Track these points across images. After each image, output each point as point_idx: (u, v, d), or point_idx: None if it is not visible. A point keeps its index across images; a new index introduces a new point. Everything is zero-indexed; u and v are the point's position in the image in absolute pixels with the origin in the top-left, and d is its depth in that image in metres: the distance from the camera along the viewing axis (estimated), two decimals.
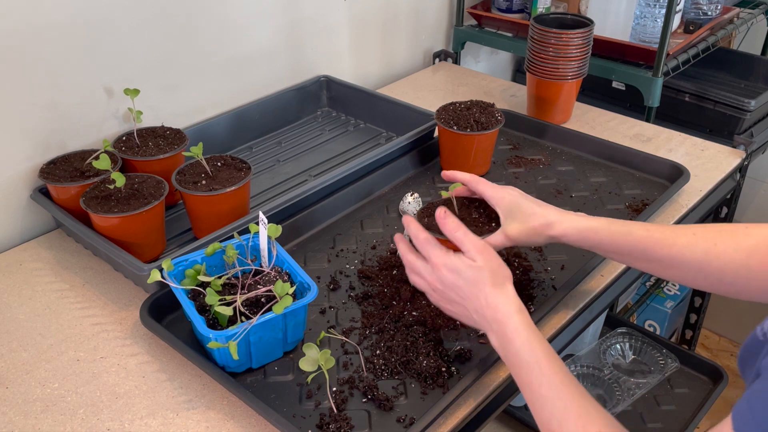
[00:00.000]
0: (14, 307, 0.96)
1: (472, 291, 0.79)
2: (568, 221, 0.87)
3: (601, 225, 0.85)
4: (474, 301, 0.79)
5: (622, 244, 0.84)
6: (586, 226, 0.86)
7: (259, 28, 1.36)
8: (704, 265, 0.79)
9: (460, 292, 0.80)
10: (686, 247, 0.80)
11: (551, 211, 0.88)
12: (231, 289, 0.87)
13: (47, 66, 1.06)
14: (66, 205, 1.04)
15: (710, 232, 0.80)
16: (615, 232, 0.84)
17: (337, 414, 0.79)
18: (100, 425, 0.79)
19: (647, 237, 0.83)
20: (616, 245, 0.85)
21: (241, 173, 1.05)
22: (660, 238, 0.82)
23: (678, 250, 0.80)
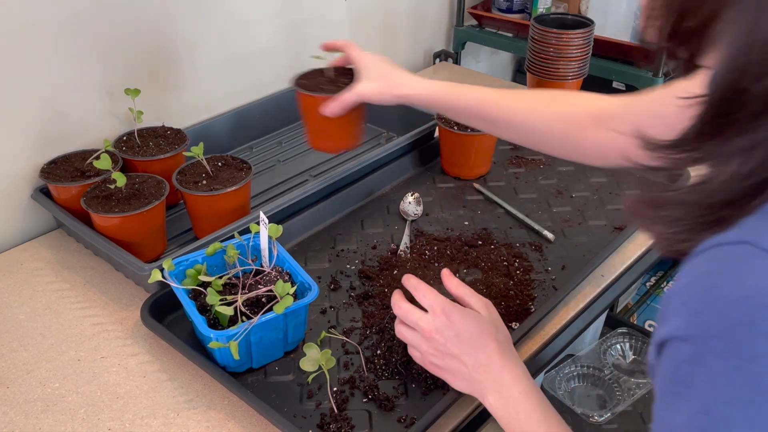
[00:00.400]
0: (15, 306, 0.97)
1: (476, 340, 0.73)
2: (412, 83, 0.94)
3: (440, 87, 0.93)
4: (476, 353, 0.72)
5: (457, 104, 0.93)
6: (429, 88, 0.93)
7: (260, 28, 1.36)
8: (527, 128, 0.89)
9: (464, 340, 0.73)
10: (511, 111, 0.89)
11: (401, 74, 0.96)
12: (232, 289, 0.87)
13: (48, 66, 1.06)
14: (67, 204, 1.04)
15: (538, 99, 0.90)
16: (450, 93, 0.92)
17: (337, 414, 0.79)
18: (100, 425, 0.79)
19: (478, 98, 0.91)
20: (452, 105, 0.93)
21: (241, 173, 1.05)
22: (489, 99, 0.91)
23: (503, 111, 0.90)
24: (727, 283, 0.42)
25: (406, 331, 0.77)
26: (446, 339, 0.73)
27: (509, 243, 1.06)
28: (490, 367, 0.71)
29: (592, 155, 0.87)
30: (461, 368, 0.73)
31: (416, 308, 0.77)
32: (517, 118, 0.89)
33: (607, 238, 1.07)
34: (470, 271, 1.01)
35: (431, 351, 0.75)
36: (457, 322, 0.73)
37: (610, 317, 1.71)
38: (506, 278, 0.99)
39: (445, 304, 0.75)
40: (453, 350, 0.73)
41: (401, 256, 1.03)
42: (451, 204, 1.17)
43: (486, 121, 0.92)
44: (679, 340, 0.44)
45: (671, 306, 0.45)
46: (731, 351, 0.41)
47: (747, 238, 0.42)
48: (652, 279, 1.98)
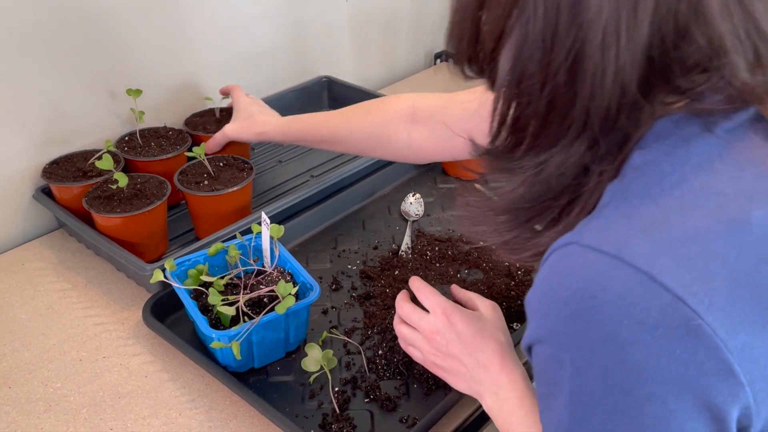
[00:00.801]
0: (17, 306, 0.97)
1: (476, 341, 0.73)
2: (268, 121, 1.08)
3: (285, 121, 1.07)
4: (477, 353, 0.73)
5: (300, 132, 1.04)
6: (277, 122, 1.07)
7: (261, 29, 1.36)
8: (351, 137, 0.98)
9: (466, 341, 0.73)
10: (336, 127, 1.00)
11: (263, 116, 1.10)
12: (233, 289, 0.87)
13: (50, 66, 1.07)
14: (68, 204, 1.05)
15: (354, 112, 0.99)
16: (292, 124, 1.05)
17: (339, 414, 0.79)
18: (102, 425, 0.79)
19: (313, 122, 1.03)
20: (296, 134, 1.05)
21: (243, 173, 1.05)
22: (321, 122, 1.02)
23: (333, 130, 1.00)
24: (561, 281, 0.45)
25: (408, 331, 0.79)
26: (447, 340, 0.74)
27: None
28: (489, 368, 0.72)
29: (406, 153, 0.96)
30: (462, 369, 0.74)
31: (419, 309, 0.78)
32: (341, 134, 0.99)
33: None
34: (471, 272, 1.01)
35: (433, 351, 0.76)
36: (457, 323, 0.74)
37: None
38: (507, 279, 0.99)
39: (447, 305, 0.76)
40: (454, 351, 0.74)
41: (402, 256, 1.03)
42: (452, 204, 1.17)
43: (325, 142, 1.02)
44: (538, 343, 0.48)
45: (528, 312, 0.49)
46: (575, 343, 0.44)
47: (573, 239, 0.46)
48: None
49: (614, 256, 0.43)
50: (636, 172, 0.47)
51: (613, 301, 0.42)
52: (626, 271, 0.42)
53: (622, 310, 0.42)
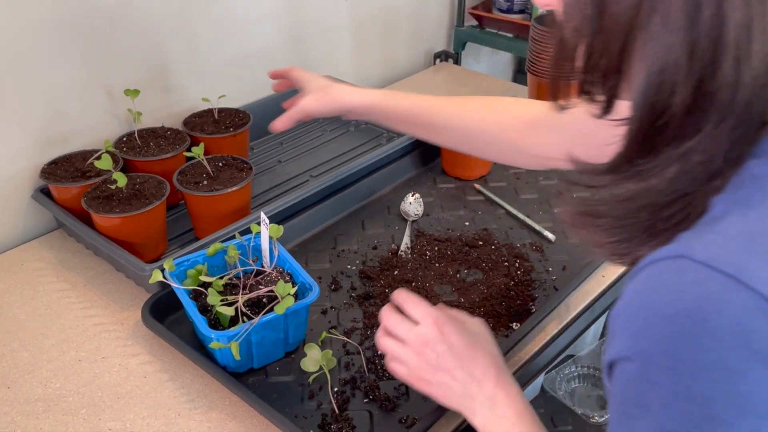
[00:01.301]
0: (16, 307, 0.97)
1: (470, 354, 0.70)
2: (350, 93, 0.96)
3: (377, 95, 0.95)
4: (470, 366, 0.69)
5: (394, 112, 0.94)
6: (366, 96, 0.95)
7: (261, 30, 1.36)
8: (464, 134, 0.91)
9: (458, 353, 0.69)
10: (449, 117, 0.91)
11: (340, 86, 0.98)
12: (233, 289, 0.87)
13: (49, 66, 1.06)
14: (67, 205, 1.05)
15: (474, 105, 0.91)
16: (386, 100, 0.95)
17: (338, 414, 0.79)
18: (101, 425, 0.79)
19: (414, 105, 0.93)
20: (389, 112, 0.95)
21: (242, 173, 1.05)
22: (425, 106, 0.93)
23: (441, 119, 0.91)
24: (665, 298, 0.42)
25: (393, 344, 0.73)
26: (438, 353, 0.69)
27: (510, 243, 1.06)
28: (484, 382, 0.68)
29: (529, 160, 0.90)
30: (452, 383, 0.69)
31: (407, 320, 0.73)
32: (452, 124, 0.91)
33: None
34: (471, 272, 1.01)
35: (421, 365, 0.70)
36: (450, 334, 0.70)
37: None
38: (507, 278, 0.99)
39: (438, 315, 0.72)
40: (445, 364, 0.69)
41: (402, 256, 1.03)
42: (451, 204, 1.17)
43: (422, 128, 0.94)
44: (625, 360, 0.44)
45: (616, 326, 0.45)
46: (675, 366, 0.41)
47: (682, 251, 0.42)
48: None
49: (731, 277, 0.40)
50: (756, 183, 0.43)
51: (728, 327, 0.39)
52: (745, 294, 0.39)
53: (737, 337, 0.39)
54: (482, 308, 0.94)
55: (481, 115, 0.90)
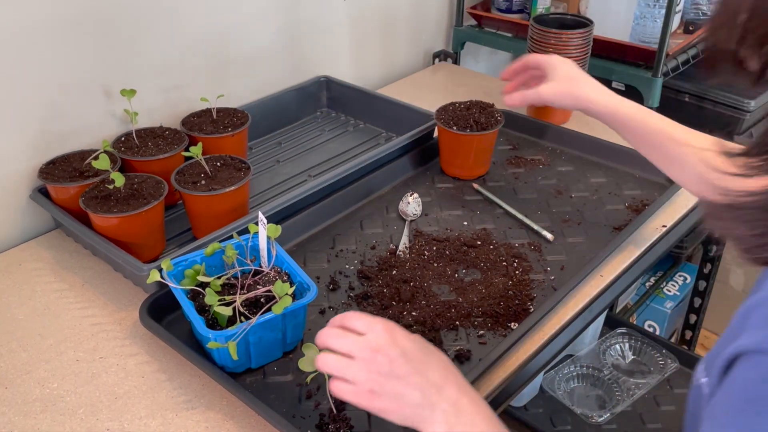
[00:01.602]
0: (13, 307, 0.96)
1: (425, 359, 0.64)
2: (597, 91, 0.95)
3: (624, 105, 0.93)
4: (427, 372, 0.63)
5: (633, 128, 0.92)
6: (614, 100, 0.94)
7: (259, 29, 1.36)
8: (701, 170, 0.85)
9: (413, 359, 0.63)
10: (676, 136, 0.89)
11: (588, 79, 0.96)
12: (230, 289, 0.86)
13: (46, 66, 1.06)
14: (65, 205, 1.04)
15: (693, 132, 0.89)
16: (632, 113, 0.92)
17: (336, 414, 0.79)
18: (99, 425, 0.79)
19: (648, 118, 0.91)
20: (624, 119, 0.92)
21: (240, 173, 1.05)
22: (671, 132, 0.90)
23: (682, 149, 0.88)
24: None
25: (335, 360, 0.64)
26: (390, 358, 0.63)
27: (508, 243, 1.06)
28: (445, 388, 0.62)
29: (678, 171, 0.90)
30: (407, 391, 0.62)
31: (350, 333, 0.66)
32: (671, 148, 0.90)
33: (607, 238, 1.07)
34: (469, 272, 1.01)
35: (371, 376, 0.63)
36: (401, 339, 0.64)
37: (609, 317, 1.71)
38: (505, 278, 0.99)
39: (386, 321, 0.66)
40: (399, 371, 0.62)
41: (400, 256, 1.03)
42: (450, 204, 1.17)
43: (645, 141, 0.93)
44: (760, 354, 0.41)
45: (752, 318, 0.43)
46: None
47: None
48: (652, 279, 1.98)
49: None
50: None
51: None
52: None
53: None
54: (480, 308, 0.94)
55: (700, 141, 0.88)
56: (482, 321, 0.91)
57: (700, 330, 1.89)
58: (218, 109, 1.22)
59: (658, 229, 1.10)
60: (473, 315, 0.92)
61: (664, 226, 1.10)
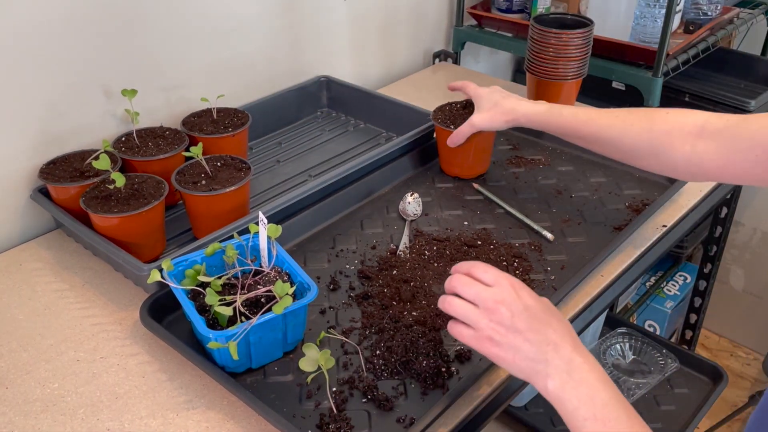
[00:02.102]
0: (14, 307, 0.96)
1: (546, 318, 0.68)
2: (519, 106, 1.07)
3: (541, 110, 1.05)
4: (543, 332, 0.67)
5: (557, 125, 1.03)
6: (532, 108, 1.06)
7: (259, 29, 1.36)
8: (621, 142, 0.95)
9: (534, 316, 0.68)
10: (605, 127, 0.96)
11: (510, 101, 1.09)
12: (231, 289, 0.87)
13: (47, 66, 1.06)
14: (66, 205, 1.04)
15: (631, 116, 0.95)
16: (551, 114, 1.03)
17: (337, 414, 0.79)
18: (100, 425, 0.79)
19: (574, 117, 1.00)
20: (552, 125, 1.03)
21: (241, 173, 1.05)
22: (584, 119, 0.99)
23: (598, 128, 0.97)
24: None
25: (461, 304, 0.70)
26: (513, 312, 0.67)
27: (508, 243, 1.06)
28: (561, 346, 0.66)
29: (683, 168, 0.90)
30: (524, 345, 0.66)
31: (478, 282, 0.71)
32: (607, 135, 0.96)
33: (607, 238, 1.07)
34: None
35: (492, 325, 0.68)
36: (525, 297, 0.69)
37: (609, 317, 1.71)
38: None
39: (513, 278, 0.71)
40: (519, 325, 0.67)
41: (401, 256, 1.03)
42: (450, 204, 1.17)
43: (582, 139, 1.01)
44: None
45: None
46: None
47: None
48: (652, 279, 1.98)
49: None
50: None
51: None
52: None
53: None
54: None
55: (638, 124, 0.93)
56: None
57: (700, 330, 1.89)
58: (218, 109, 1.22)
59: (658, 228, 1.10)
60: None
61: (664, 226, 1.10)
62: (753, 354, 2.28)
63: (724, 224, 1.72)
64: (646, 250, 1.06)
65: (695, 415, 1.46)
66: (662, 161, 0.92)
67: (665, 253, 1.12)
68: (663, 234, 1.09)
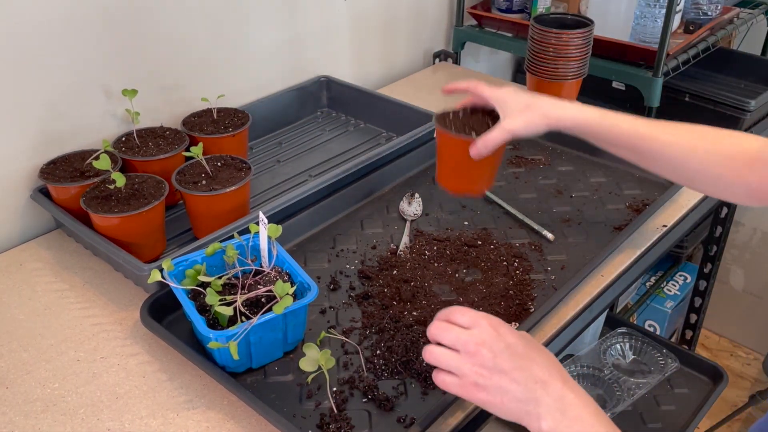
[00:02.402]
0: (14, 307, 0.96)
1: (530, 354, 0.66)
2: (561, 107, 0.91)
3: (593, 116, 0.90)
4: (528, 371, 0.64)
5: (609, 135, 0.90)
6: (580, 112, 0.90)
7: (260, 29, 1.36)
8: (682, 164, 0.86)
9: (516, 353, 0.65)
10: (667, 145, 0.86)
11: (546, 102, 0.92)
12: (231, 289, 0.87)
13: (47, 66, 1.06)
14: (66, 205, 1.04)
15: (694, 135, 0.86)
16: (604, 124, 0.89)
17: (337, 414, 0.79)
18: (100, 425, 0.79)
19: (633, 130, 0.88)
20: (604, 135, 0.90)
21: (241, 173, 1.05)
22: (644, 133, 0.88)
23: (660, 146, 0.87)
24: None
25: (442, 353, 0.67)
26: (495, 353, 0.65)
27: (509, 243, 1.06)
28: (550, 384, 0.63)
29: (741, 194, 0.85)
30: (511, 386, 0.63)
31: (456, 327, 0.68)
32: (669, 155, 0.86)
33: (607, 238, 1.07)
34: (470, 271, 1.01)
35: (475, 369, 0.65)
36: (506, 335, 0.66)
37: (609, 317, 1.71)
38: (506, 278, 0.99)
39: (491, 317, 0.68)
40: (503, 365, 0.64)
41: (401, 256, 1.03)
42: (450, 204, 1.17)
43: (638, 155, 0.90)
44: None
45: None
46: None
47: None
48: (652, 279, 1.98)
49: None
50: None
51: None
52: None
53: None
54: (481, 308, 0.94)
55: (700, 145, 0.85)
56: None
57: (700, 330, 1.89)
58: (219, 109, 1.22)
59: (659, 228, 1.10)
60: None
61: (664, 226, 1.10)
62: (753, 354, 2.29)
63: (724, 224, 1.72)
64: (646, 250, 1.06)
65: (695, 415, 1.46)
66: (721, 188, 0.85)
67: (665, 253, 1.12)
68: (663, 234, 1.09)
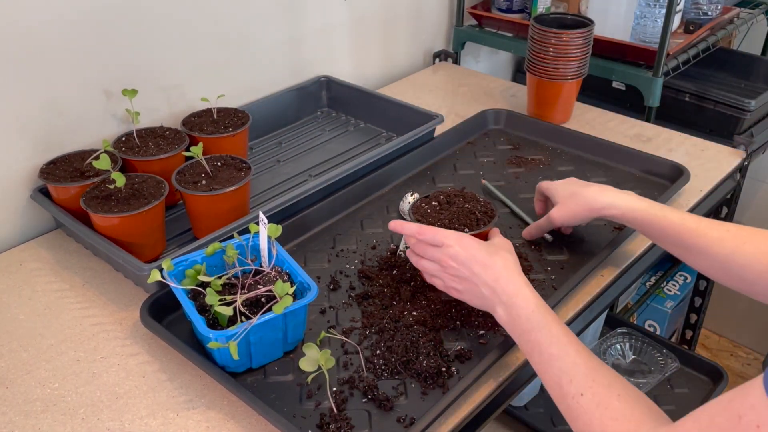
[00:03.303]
0: (14, 307, 0.96)
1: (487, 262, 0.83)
2: (606, 198, 0.96)
3: (640, 206, 0.93)
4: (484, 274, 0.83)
5: (656, 226, 0.92)
6: (627, 204, 0.94)
7: (260, 29, 1.36)
8: (729, 262, 0.84)
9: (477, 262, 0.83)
10: (715, 241, 0.85)
11: (591, 192, 0.97)
12: (231, 289, 0.87)
13: (47, 66, 1.06)
14: (66, 205, 1.04)
15: (743, 232, 0.85)
16: (650, 213, 0.92)
17: (337, 414, 0.79)
18: (100, 425, 0.79)
19: (680, 224, 0.89)
20: (651, 227, 0.92)
21: (241, 173, 1.05)
22: (692, 228, 0.88)
23: (706, 242, 0.86)
24: None
25: (428, 264, 0.88)
26: (459, 263, 0.84)
27: None
28: (500, 283, 0.81)
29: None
30: (474, 288, 0.84)
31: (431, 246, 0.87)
32: (716, 251, 0.85)
33: (607, 238, 1.07)
34: None
35: (449, 276, 0.86)
36: (470, 247, 0.84)
37: (609, 317, 1.71)
38: None
39: (457, 234, 0.86)
40: (465, 272, 0.84)
41: (401, 256, 1.03)
42: None
43: (685, 249, 0.89)
44: None
45: None
46: None
47: None
48: (652, 279, 1.98)
49: None
50: None
51: None
52: None
53: None
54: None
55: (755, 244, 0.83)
56: (482, 321, 0.91)
57: (700, 330, 1.89)
58: (219, 109, 1.22)
59: None
60: (473, 315, 0.92)
61: None
62: (753, 354, 2.28)
63: None
64: (646, 250, 1.06)
65: None
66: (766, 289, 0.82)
67: (665, 253, 1.12)
68: None
